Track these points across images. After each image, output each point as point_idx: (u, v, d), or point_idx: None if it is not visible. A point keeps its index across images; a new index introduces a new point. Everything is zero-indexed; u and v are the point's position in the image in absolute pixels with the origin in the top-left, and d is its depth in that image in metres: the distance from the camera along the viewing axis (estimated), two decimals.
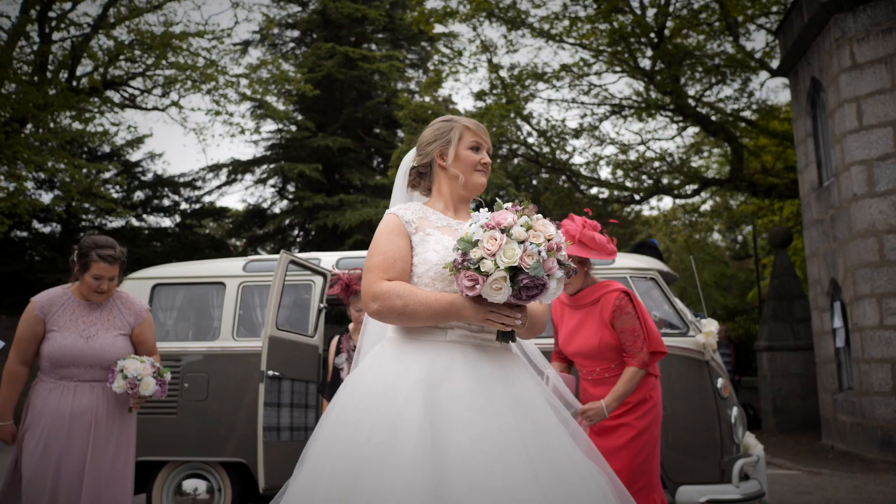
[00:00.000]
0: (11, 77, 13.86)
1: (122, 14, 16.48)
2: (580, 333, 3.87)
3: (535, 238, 2.19)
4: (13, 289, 17.14)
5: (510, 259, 2.15)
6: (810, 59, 11.71)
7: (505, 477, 2.10)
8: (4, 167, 13.91)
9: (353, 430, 2.20)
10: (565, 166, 18.41)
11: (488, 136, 2.63)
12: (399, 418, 2.17)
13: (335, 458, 2.19)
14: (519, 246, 2.16)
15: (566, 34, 17.02)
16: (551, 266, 2.18)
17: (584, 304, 3.90)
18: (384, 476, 2.08)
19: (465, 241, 2.21)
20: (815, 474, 8.76)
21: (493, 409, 2.22)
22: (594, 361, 3.86)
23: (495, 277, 2.15)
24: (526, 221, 2.22)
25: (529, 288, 2.16)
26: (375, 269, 2.39)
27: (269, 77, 18.18)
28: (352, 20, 20.41)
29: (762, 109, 18.06)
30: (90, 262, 3.70)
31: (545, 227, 2.22)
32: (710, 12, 15.91)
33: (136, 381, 3.66)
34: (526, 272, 2.15)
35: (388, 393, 2.24)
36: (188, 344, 5.92)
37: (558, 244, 2.21)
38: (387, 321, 2.38)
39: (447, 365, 2.29)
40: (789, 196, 16.49)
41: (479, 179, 2.57)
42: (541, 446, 2.22)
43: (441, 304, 2.27)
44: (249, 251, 20.80)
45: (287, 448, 5.24)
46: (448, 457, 2.11)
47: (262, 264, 6.12)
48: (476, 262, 2.17)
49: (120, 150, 19.86)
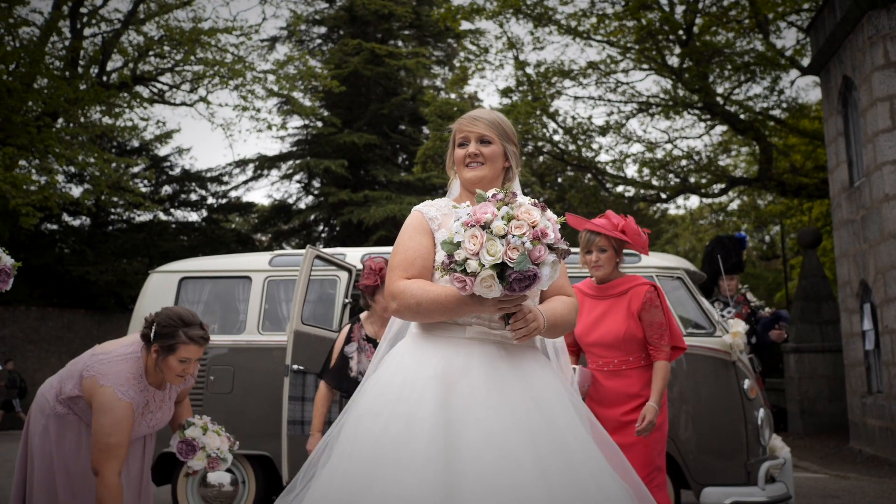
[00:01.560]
0: (43, 72, 14.07)
1: (152, 10, 16.66)
2: (604, 323, 3.82)
3: (517, 229, 2.08)
4: (43, 280, 17.41)
5: (494, 257, 2.06)
6: (842, 57, 11.53)
7: (513, 476, 2.10)
8: (36, 161, 14.13)
9: (371, 422, 2.23)
10: (591, 164, 18.30)
11: (477, 125, 2.53)
12: (414, 413, 2.18)
13: (352, 451, 2.22)
14: (501, 241, 2.07)
15: (593, 31, 16.91)
16: (539, 255, 2.08)
17: (611, 295, 3.87)
18: (397, 472, 2.10)
19: (448, 243, 2.14)
20: (842, 478, 8.65)
21: (508, 408, 2.21)
22: (615, 352, 3.81)
23: (483, 276, 2.08)
24: (507, 212, 2.11)
25: (520, 280, 2.08)
26: (396, 268, 2.41)
27: (295, 73, 18.29)
28: (378, 17, 20.46)
29: (792, 108, 17.83)
30: (177, 345, 3.12)
31: (528, 215, 2.11)
32: (740, 9, 15.72)
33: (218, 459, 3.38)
34: (512, 267, 2.06)
35: (406, 387, 2.26)
36: (214, 337, 5.96)
37: (543, 230, 2.10)
38: (406, 318, 2.40)
39: (465, 361, 2.30)
40: (819, 196, 16.27)
41: (465, 174, 2.52)
42: (554, 445, 2.20)
43: (451, 301, 2.26)
44: (275, 246, 20.95)
45: None
46: (460, 454, 2.11)
47: (287, 259, 6.14)
48: (462, 264, 2.10)
49: (148, 145, 20.09)
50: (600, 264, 3.83)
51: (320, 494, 2.23)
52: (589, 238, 3.84)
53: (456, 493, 2.06)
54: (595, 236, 3.83)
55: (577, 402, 2.43)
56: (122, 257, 18.16)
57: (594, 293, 3.93)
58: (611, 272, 3.87)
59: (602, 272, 3.85)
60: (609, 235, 3.81)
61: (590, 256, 3.85)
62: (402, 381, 2.29)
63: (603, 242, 3.82)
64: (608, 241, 3.82)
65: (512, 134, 2.58)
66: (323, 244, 20.99)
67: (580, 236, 3.91)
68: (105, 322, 17.34)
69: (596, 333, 3.84)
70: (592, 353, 3.90)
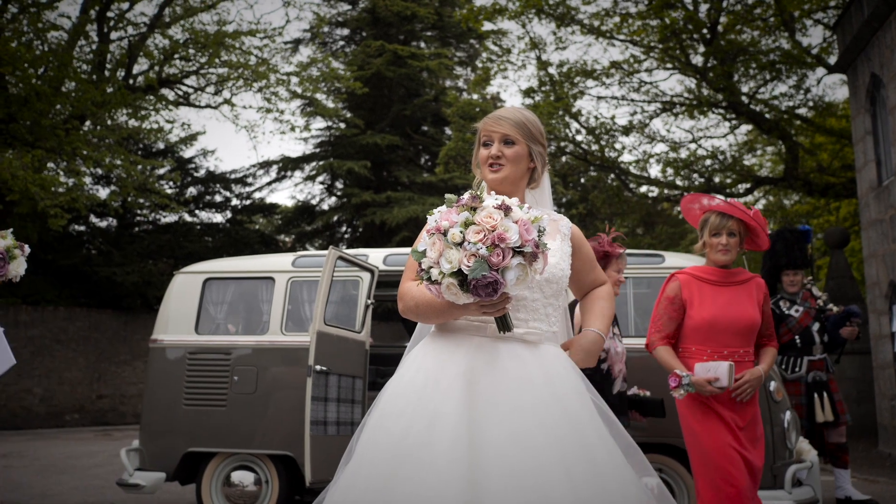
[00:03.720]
0: (71, 76, 14.26)
1: (178, 13, 16.83)
2: (734, 309, 3.73)
3: (474, 235, 2.04)
4: (71, 281, 17.64)
5: (452, 264, 2.05)
6: (870, 55, 11.37)
7: (537, 474, 2.09)
8: (64, 163, 14.32)
9: (393, 422, 2.23)
10: (614, 164, 18.20)
11: (501, 124, 2.49)
12: (437, 412, 2.18)
13: (375, 451, 2.22)
14: (458, 248, 2.05)
15: (616, 31, 16.82)
16: (498, 260, 2.03)
17: (734, 282, 3.79)
18: (420, 472, 2.10)
19: (416, 252, 2.15)
20: (871, 482, 8.52)
21: (531, 407, 2.21)
22: (741, 340, 3.75)
23: (446, 285, 2.07)
24: (466, 218, 2.07)
25: (483, 287, 2.05)
26: (408, 269, 2.44)
27: (319, 75, 18.38)
28: (401, 18, 20.50)
29: (819, 107, 17.61)
30: None
31: (489, 219, 2.05)
32: (765, 7, 15.55)
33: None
34: (467, 275, 2.03)
35: (428, 386, 2.26)
36: (238, 338, 6.01)
37: (501, 234, 2.04)
38: (411, 318, 2.42)
39: (487, 360, 2.29)
40: (846, 195, 16.04)
41: (487, 176, 2.49)
42: (577, 444, 2.20)
43: (442, 303, 2.23)
44: (298, 247, 21.06)
45: (333, 442, 5.29)
46: (484, 453, 2.11)
47: (310, 260, 6.18)
48: (427, 272, 2.11)
49: (174, 147, 20.29)
50: (728, 249, 3.72)
51: (342, 495, 2.23)
52: (721, 221, 3.72)
53: (480, 493, 2.06)
54: (728, 219, 3.72)
55: (598, 400, 2.42)
56: (147, 258, 18.36)
57: (716, 279, 3.80)
58: (734, 258, 3.77)
59: (729, 257, 3.74)
60: (742, 220, 3.73)
61: (717, 239, 3.74)
62: (423, 380, 2.29)
63: (734, 227, 3.72)
64: (739, 226, 3.73)
65: (539, 134, 2.52)
66: (346, 245, 21.07)
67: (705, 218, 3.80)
68: (131, 322, 17.53)
69: (727, 319, 3.72)
70: (718, 340, 3.75)
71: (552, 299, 2.44)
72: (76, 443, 12.65)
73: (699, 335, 3.76)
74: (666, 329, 3.84)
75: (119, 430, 15.70)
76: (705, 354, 3.73)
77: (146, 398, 6.04)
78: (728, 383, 3.58)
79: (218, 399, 5.77)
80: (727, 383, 3.58)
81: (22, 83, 13.81)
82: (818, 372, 6.11)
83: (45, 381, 16.13)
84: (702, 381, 3.62)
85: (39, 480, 8.30)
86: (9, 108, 13.49)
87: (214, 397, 5.77)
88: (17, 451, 11.26)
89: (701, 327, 3.75)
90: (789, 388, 6.06)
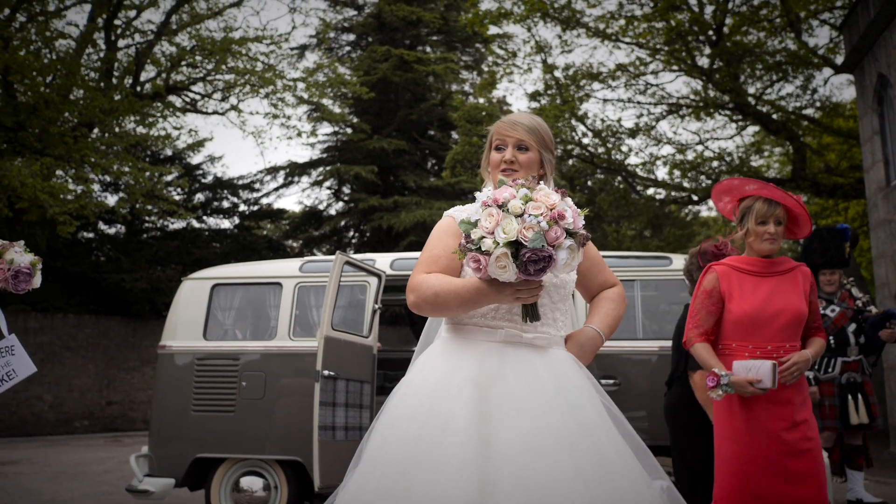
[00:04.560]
0: (79, 84, 14.34)
1: (185, 20, 16.91)
2: (777, 300, 3.44)
3: (534, 209, 2.09)
4: (80, 288, 17.71)
5: (508, 234, 2.07)
6: (877, 55, 11.33)
7: (550, 478, 2.10)
8: (73, 170, 14.39)
9: (405, 427, 2.23)
10: (621, 167, 18.17)
11: (517, 129, 2.51)
12: (449, 416, 2.19)
13: (386, 454, 2.22)
14: (517, 220, 2.08)
15: (622, 33, 16.81)
16: (556, 236, 2.08)
17: (777, 272, 3.51)
18: (433, 474, 2.10)
19: (466, 223, 2.15)
20: (882, 484, 8.47)
21: (543, 410, 2.21)
22: (790, 334, 3.44)
23: (497, 255, 2.08)
24: (525, 194, 2.12)
25: (535, 262, 2.07)
26: (420, 264, 2.43)
27: (325, 80, 18.43)
28: (407, 23, 20.54)
29: (826, 107, 17.54)
30: None
31: (547, 197, 2.12)
32: (771, 8, 15.51)
33: None
34: (526, 245, 2.06)
35: (439, 390, 2.26)
36: (246, 343, 6.02)
37: (561, 212, 2.10)
38: (423, 312, 2.38)
39: (498, 364, 2.30)
40: (854, 196, 15.97)
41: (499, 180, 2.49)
42: (588, 446, 2.20)
43: (469, 291, 2.25)
44: (305, 252, 21.09)
45: (342, 447, 5.29)
46: (496, 456, 2.12)
47: (318, 265, 6.19)
48: (477, 243, 2.11)
49: (181, 154, 20.36)
50: (776, 237, 3.45)
51: (353, 497, 2.24)
52: (769, 209, 3.44)
53: (493, 494, 2.07)
54: (776, 207, 3.45)
55: (609, 404, 2.42)
56: (156, 264, 18.43)
57: (758, 269, 3.52)
58: (777, 249, 3.52)
59: (775, 246, 3.48)
60: (788, 207, 3.47)
61: (764, 227, 3.46)
62: (434, 383, 2.30)
63: (782, 214, 3.46)
64: (785, 213, 3.48)
65: (550, 142, 2.56)
66: (353, 250, 21.09)
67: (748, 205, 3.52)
68: (140, 329, 17.59)
69: (770, 311, 3.43)
70: (761, 335, 3.45)
71: (560, 304, 2.46)
72: (86, 449, 12.69)
73: (740, 330, 3.48)
74: (704, 324, 3.56)
75: (129, 436, 15.74)
76: (747, 351, 3.44)
77: (155, 404, 6.06)
78: (771, 384, 3.29)
79: (226, 405, 5.78)
80: (770, 384, 3.29)
81: (30, 91, 13.90)
82: (853, 373, 5.96)
83: (54, 388, 16.19)
84: (742, 382, 3.33)
85: (50, 487, 8.32)
86: (17, 116, 13.57)
87: (223, 403, 5.78)
88: (28, 457, 11.31)
89: (742, 321, 3.46)
90: (822, 388, 5.95)
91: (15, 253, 3.45)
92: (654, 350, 5.47)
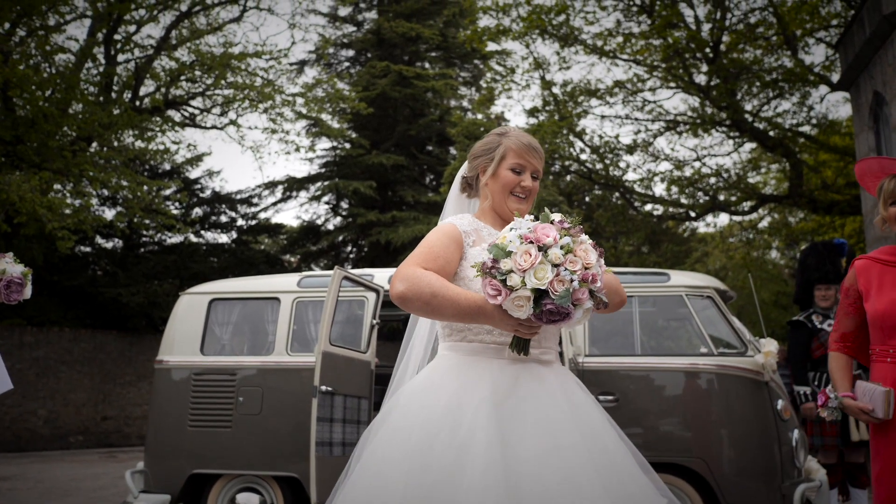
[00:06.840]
0: (78, 98, 14.38)
1: (184, 36, 16.99)
2: None
3: (571, 264, 2.03)
4: (76, 302, 17.66)
5: (539, 281, 2.02)
6: (872, 73, 11.40)
7: (575, 496, 2.08)
8: (71, 184, 14.40)
9: (419, 455, 2.15)
10: (619, 183, 18.23)
11: (538, 159, 2.48)
12: (468, 439, 2.14)
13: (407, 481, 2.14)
14: (552, 269, 2.02)
15: (620, 50, 16.92)
16: (581, 297, 2.04)
17: None
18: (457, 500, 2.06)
19: (499, 248, 2.08)
20: None
21: (561, 428, 2.20)
22: None
23: (519, 295, 2.04)
24: (567, 244, 2.06)
25: (552, 313, 2.04)
26: (416, 257, 2.35)
27: (324, 96, 18.49)
28: (406, 39, 20.64)
29: (822, 124, 17.64)
30: None
31: (586, 254, 2.07)
32: (768, 26, 15.63)
33: None
34: (552, 298, 2.02)
35: (452, 413, 2.20)
36: (243, 358, 6.01)
37: (594, 275, 2.06)
38: (408, 306, 2.26)
39: (512, 383, 2.28)
40: (851, 213, 16.02)
41: (513, 205, 2.46)
42: (606, 462, 2.20)
43: (469, 305, 2.19)
44: (304, 267, 21.08)
45: (339, 463, 5.26)
46: (518, 476, 2.09)
47: (316, 280, 6.18)
48: (504, 274, 2.05)
49: (180, 168, 20.37)
50: None
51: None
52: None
53: None
54: None
55: (610, 419, 2.43)
56: (153, 279, 18.38)
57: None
58: None
59: None
60: None
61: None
62: (446, 405, 2.23)
63: None
64: None
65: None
66: (351, 265, 21.08)
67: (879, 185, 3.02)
68: (137, 343, 17.52)
69: None
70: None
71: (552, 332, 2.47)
72: (81, 465, 12.61)
73: (876, 333, 2.91)
74: (841, 328, 3.07)
75: (124, 451, 15.64)
76: (889, 357, 2.85)
77: (151, 419, 6.03)
78: (884, 415, 2.75)
79: (223, 420, 5.76)
80: (882, 415, 2.75)
81: (29, 105, 13.92)
82: None
83: (49, 403, 16.11)
84: (855, 409, 2.85)
85: (43, 503, 8.26)
86: (16, 130, 13.59)
87: (220, 418, 5.75)
88: (22, 473, 11.23)
89: (875, 323, 2.90)
90: None
91: (6, 263, 3.47)
92: (652, 366, 5.46)
